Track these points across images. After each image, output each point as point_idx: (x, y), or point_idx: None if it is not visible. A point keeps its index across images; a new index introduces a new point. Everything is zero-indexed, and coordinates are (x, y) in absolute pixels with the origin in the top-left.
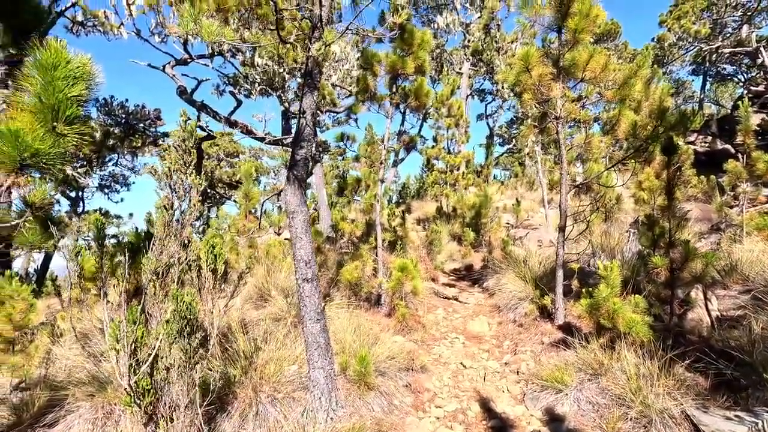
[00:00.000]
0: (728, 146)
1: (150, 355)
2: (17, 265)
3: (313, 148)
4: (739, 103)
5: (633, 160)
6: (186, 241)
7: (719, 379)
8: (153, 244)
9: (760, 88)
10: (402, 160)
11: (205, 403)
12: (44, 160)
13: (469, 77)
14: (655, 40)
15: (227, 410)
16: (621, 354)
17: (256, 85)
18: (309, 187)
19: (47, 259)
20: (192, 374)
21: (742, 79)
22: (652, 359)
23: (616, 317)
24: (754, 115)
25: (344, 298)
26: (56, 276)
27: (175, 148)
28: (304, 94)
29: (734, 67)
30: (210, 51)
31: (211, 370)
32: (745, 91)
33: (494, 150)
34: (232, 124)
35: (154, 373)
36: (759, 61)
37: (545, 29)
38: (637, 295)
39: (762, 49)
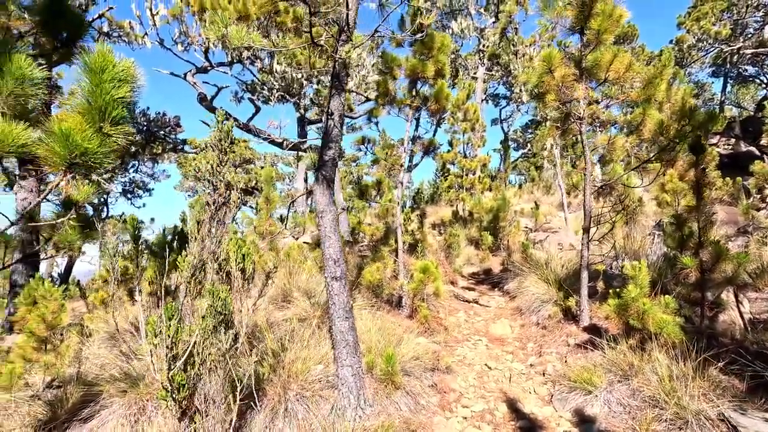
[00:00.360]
0: (752, 148)
1: (185, 351)
2: (41, 269)
3: (339, 150)
4: (765, 103)
5: (656, 162)
6: (221, 239)
7: (756, 381)
8: (192, 240)
9: None
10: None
11: (237, 399)
12: (92, 159)
13: (484, 81)
14: (673, 42)
15: (257, 407)
16: (652, 355)
17: (274, 91)
18: None
19: (70, 264)
20: (226, 369)
21: (765, 81)
22: (684, 361)
23: (646, 318)
24: None
25: (365, 300)
26: (78, 281)
27: (212, 147)
28: (332, 96)
29: (756, 68)
30: (229, 59)
31: (240, 368)
32: None
33: (510, 154)
34: (251, 130)
35: (188, 368)
36: None
37: (566, 31)
38: (667, 296)
39: None
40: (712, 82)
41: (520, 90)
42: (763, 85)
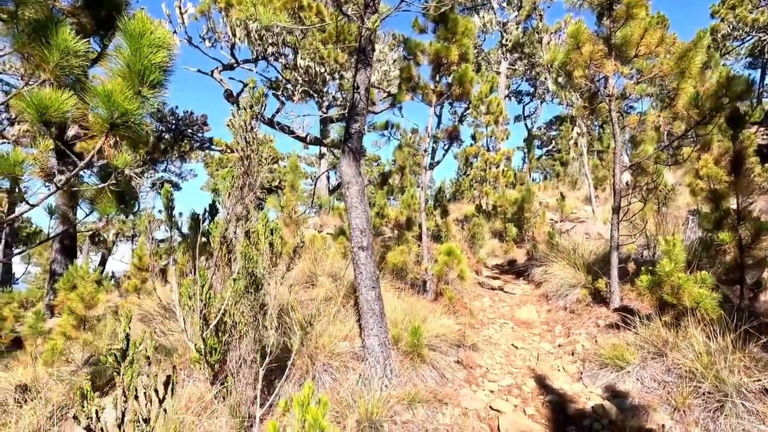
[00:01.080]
0: None
1: (216, 316)
2: (78, 262)
3: (366, 124)
4: None
5: (690, 147)
6: (253, 199)
7: None
8: (227, 197)
9: None
10: (438, 163)
11: (266, 363)
12: (132, 120)
13: (507, 77)
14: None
15: (286, 375)
16: (688, 332)
17: (298, 86)
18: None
19: (104, 259)
20: (257, 331)
21: None
22: (723, 336)
23: (681, 293)
24: None
25: (389, 283)
26: (113, 273)
27: (245, 109)
28: (358, 69)
29: None
30: (254, 56)
31: (269, 338)
32: None
33: (534, 152)
34: (275, 125)
35: (219, 334)
36: None
37: (595, 7)
38: (703, 271)
39: None
40: (749, 75)
41: (545, 79)
42: None
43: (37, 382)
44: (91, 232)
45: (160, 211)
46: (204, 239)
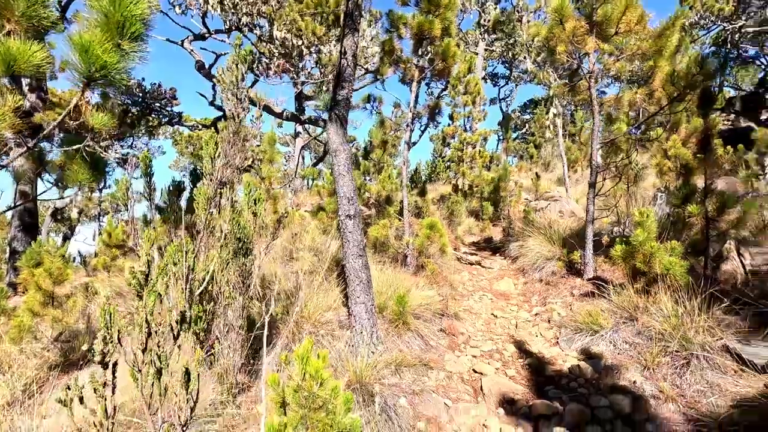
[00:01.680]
0: (752, 124)
1: (201, 284)
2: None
3: (353, 90)
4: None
5: (659, 129)
6: (242, 162)
7: (760, 319)
8: (210, 163)
9: None
10: (414, 143)
11: (255, 328)
12: (111, 74)
13: (484, 59)
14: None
15: (273, 342)
16: (657, 297)
17: (275, 59)
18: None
19: (65, 238)
20: (246, 296)
21: (765, 62)
22: (689, 301)
23: (653, 261)
24: None
25: (371, 258)
26: (79, 251)
27: (230, 69)
28: (345, 35)
29: (756, 50)
30: (227, 26)
31: (254, 309)
32: None
33: (510, 133)
34: (250, 100)
35: (203, 303)
36: None
37: None
38: (674, 241)
39: None
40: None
41: (524, 58)
42: (763, 67)
43: (9, 358)
44: (53, 208)
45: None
46: (184, 208)
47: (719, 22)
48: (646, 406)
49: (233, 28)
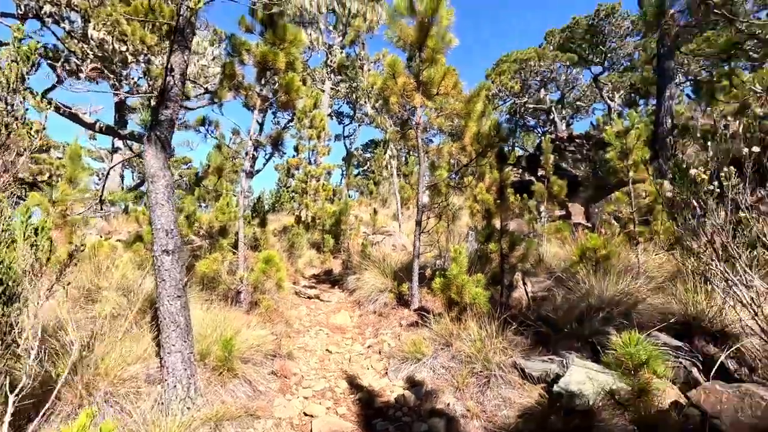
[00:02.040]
0: (532, 178)
1: None
2: None
3: (179, 111)
4: (542, 145)
5: (470, 177)
6: (10, 184)
7: (537, 338)
8: None
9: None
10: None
11: (15, 399)
12: None
13: (330, 97)
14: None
15: (44, 412)
16: (467, 324)
17: (88, 62)
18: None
19: None
20: (6, 359)
21: (541, 131)
22: (489, 326)
23: (464, 292)
24: (551, 154)
25: (197, 296)
26: None
27: (10, 66)
28: (173, 50)
29: (535, 121)
30: (22, 11)
31: (19, 371)
32: (549, 135)
33: (352, 169)
34: (50, 104)
35: None
36: (551, 117)
37: (409, 46)
38: (479, 273)
39: (553, 108)
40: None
41: (365, 102)
42: (540, 133)
43: None
44: None
45: None
46: None
47: (511, 97)
48: (457, 426)
49: (30, 15)
